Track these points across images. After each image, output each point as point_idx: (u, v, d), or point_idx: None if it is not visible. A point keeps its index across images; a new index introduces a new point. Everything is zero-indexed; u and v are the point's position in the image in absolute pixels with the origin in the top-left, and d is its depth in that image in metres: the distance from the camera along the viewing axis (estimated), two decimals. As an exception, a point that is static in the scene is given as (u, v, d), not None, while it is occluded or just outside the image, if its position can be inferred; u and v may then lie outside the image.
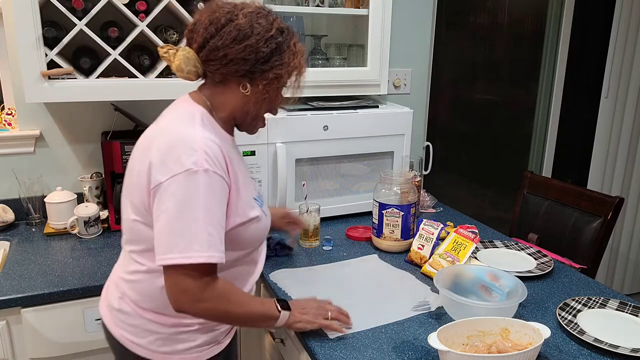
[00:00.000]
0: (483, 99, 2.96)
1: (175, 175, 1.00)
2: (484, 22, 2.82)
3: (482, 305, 1.23)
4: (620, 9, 2.94)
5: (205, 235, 1.01)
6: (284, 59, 1.10)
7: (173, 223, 1.01)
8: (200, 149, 1.02)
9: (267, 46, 1.08)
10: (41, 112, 1.93)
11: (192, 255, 1.01)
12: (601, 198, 1.99)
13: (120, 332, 1.18)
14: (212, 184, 1.03)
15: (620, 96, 3.08)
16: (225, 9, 1.09)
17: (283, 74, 1.12)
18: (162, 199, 1.02)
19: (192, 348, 1.17)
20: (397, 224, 1.70)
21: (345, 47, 2.18)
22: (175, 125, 1.09)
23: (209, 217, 1.02)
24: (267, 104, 1.17)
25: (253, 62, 1.08)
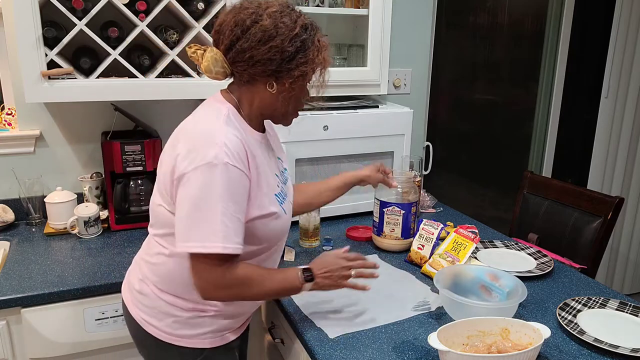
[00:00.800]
0: (483, 99, 2.96)
1: (197, 167, 1.05)
2: (484, 22, 2.82)
3: (482, 305, 1.23)
4: (620, 9, 2.94)
5: (221, 226, 1.06)
6: (308, 56, 1.12)
7: (192, 212, 1.06)
8: (222, 142, 1.06)
9: (291, 45, 1.09)
10: (41, 112, 1.93)
11: (208, 245, 1.05)
12: (601, 198, 1.99)
13: (139, 313, 1.23)
14: (230, 177, 1.06)
15: (620, 96, 3.08)
16: (250, 9, 1.10)
17: (308, 71, 1.13)
18: (183, 189, 1.07)
19: (207, 333, 1.21)
20: (398, 223, 1.70)
21: (345, 47, 2.18)
22: (202, 120, 1.13)
23: (226, 208, 1.06)
24: (294, 101, 1.19)
25: (279, 62, 1.10)
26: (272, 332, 1.54)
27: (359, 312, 1.36)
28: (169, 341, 1.20)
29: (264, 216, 1.16)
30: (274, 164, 1.26)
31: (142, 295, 1.23)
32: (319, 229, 1.78)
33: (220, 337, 1.24)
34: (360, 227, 1.93)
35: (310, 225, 1.76)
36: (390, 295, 1.45)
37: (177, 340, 1.20)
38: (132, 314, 1.25)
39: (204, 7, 1.78)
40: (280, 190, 1.24)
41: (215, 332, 1.23)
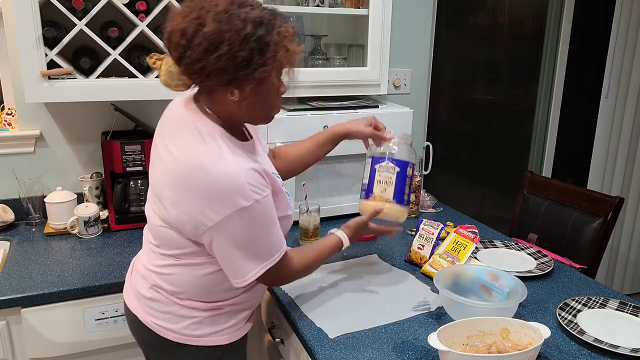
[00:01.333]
0: (483, 99, 2.96)
1: (230, 215, 1.04)
2: (484, 22, 2.82)
3: (482, 305, 1.23)
4: (620, 9, 2.94)
5: (269, 246, 1.13)
6: (267, 55, 1.00)
7: (242, 252, 1.09)
8: (244, 182, 1.03)
9: (243, 48, 0.97)
10: (41, 112, 1.93)
11: (265, 264, 1.12)
12: (601, 198, 1.99)
13: (151, 320, 1.21)
14: (264, 207, 1.08)
15: (620, 96, 3.08)
16: (194, 13, 0.99)
17: (271, 71, 1.03)
18: (221, 237, 1.07)
19: (225, 329, 1.23)
20: (391, 182, 1.44)
21: (345, 47, 2.18)
22: (208, 158, 1.04)
23: (269, 234, 1.12)
24: (263, 102, 1.09)
25: (233, 70, 0.99)
26: (272, 332, 1.54)
27: (359, 312, 1.36)
28: (186, 342, 1.19)
29: (281, 218, 1.18)
30: (269, 163, 1.26)
31: (154, 302, 1.20)
32: (319, 228, 1.78)
33: (235, 331, 1.26)
34: (360, 227, 1.92)
35: (310, 225, 1.76)
36: (390, 295, 1.45)
37: (195, 340, 1.20)
38: (144, 321, 1.21)
39: (204, 7, 1.78)
40: (287, 191, 1.25)
41: (231, 327, 1.24)
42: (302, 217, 1.76)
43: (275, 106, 1.15)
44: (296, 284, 1.49)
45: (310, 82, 1.96)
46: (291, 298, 1.43)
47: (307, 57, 2.12)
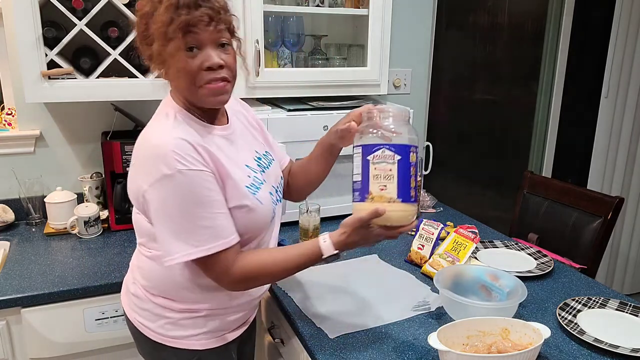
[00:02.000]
0: (483, 99, 2.95)
1: (155, 182, 1.04)
2: (484, 22, 2.82)
3: (482, 305, 1.23)
4: (620, 9, 2.94)
5: (200, 230, 1.05)
6: (153, 27, 1.05)
7: (167, 226, 1.06)
8: (170, 151, 1.03)
9: (140, 28, 1.08)
10: (41, 112, 1.93)
11: (192, 252, 1.05)
12: (601, 198, 1.99)
13: (134, 316, 1.23)
14: (191, 181, 1.04)
15: (620, 96, 3.08)
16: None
17: (156, 42, 1.05)
18: (150, 205, 1.07)
19: (200, 334, 1.20)
20: (392, 175, 1.11)
21: (345, 47, 2.18)
22: (151, 130, 1.11)
23: (197, 213, 1.05)
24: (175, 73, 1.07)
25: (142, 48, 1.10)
26: (272, 332, 1.54)
27: (359, 312, 1.36)
28: (163, 342, 1.20)
29: (236, 208, 1.12)
30: (245, 154, 1.22)
31: (136, 298, 1.23)
32: (319, 229, 1.78)
33: (215, 338, 1.23)
34: (360, 227, 1.92)
35: (310, 225, 1.76)
36: (391, 295, 1.45)
37: (171, 342, 1.19)
38: (129, 316, 1.26)
39: (204, 7, 1.78)
40: (253, 181, 1.18)
41: (209, 332, 1.21)
42: (302, 217, 1.75)
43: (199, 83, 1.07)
44: (296, 284, 1.49)
45: (310, 82, 1.96)
46: (291, 298, 1.43)
47: (307, 57, 2.12)
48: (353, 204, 1.20)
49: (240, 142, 1.23)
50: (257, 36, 1.82)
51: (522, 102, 3.06)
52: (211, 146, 1.11)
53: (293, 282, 1.51)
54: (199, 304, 1.18)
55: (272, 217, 1.23)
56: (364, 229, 1.14)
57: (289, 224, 1.90)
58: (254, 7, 1.80)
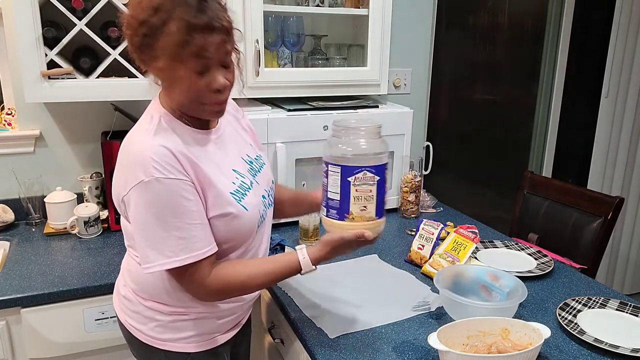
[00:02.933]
0: (483, 99, 2.95)
1: (131, 188, 1.03)
2: (484, 22, 2.82)
3: (482, 305, 1.23)
4: (620, 9, 2.94)
5: (173, 241, 1.04)
6: (157, 44, 0.99)
7: (143, 234, 1.05)
8: (148, 157, 1.02)
9: (138, 34, 1.00)
10: (41, 112, 1.93)
11: (165, 262, 1.05)
12: (601, 198, 1.99)
13: (125, 318, 1.23)
14: (167, 190, 1.02)
15: (620, 96, 3.08)
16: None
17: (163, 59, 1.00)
18: (130, 212, 1.07)
19: (191, 336, 1.19)
20: (372, 196, 1.17)
21: (345, 47, 2.18)
22: (133, 135, 1.09)
23: (172, 222, 1.04)
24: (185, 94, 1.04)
25: (137, 54, 1.04)
26: (272, 332, 1.54)
27: (359, 312, 1.36)
28: (154, 345, 1.19)
29: (220, 216, 1.10)
30: (233, 158, 1.20)
31: (126, 300, 1.22)
32: (319, 229, 1.78)
33: (207, 340, 1.21)
34: (360, 227, 1.92)
35: (310, 225, 1.76)
36: (391, 295, 1.45)
37: (162, 344, 1.19)
38: (120, 319, 1.25)
39: (204, 7, 1.78)
40: (239, 187, 1.15)
41: (200, 335, 1.20)
42: (302, 217, 1.75)
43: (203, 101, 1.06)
44: (296, 284, 1.49)
45: (310, 82, 1.96)
46: (291, 298, 1.43)
47: (307, 57, 2.12)
48: (328, 220, 1.21)
49: (229, 145, 1.21)
50: (257, 36, 1.82)
51: (522, 102, 3.06)
52: (195, 152, 1.09)
53: (293, 282, 1.51)
54: (188, 308, 1.17)
55: (261, 221, 1.21)
56: (343, 247, 1.18)
57: (289, 224, 1.90)
58: (254, 7, 1.80)
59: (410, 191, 2.05)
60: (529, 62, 3.00)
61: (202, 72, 1.02)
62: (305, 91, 1.97)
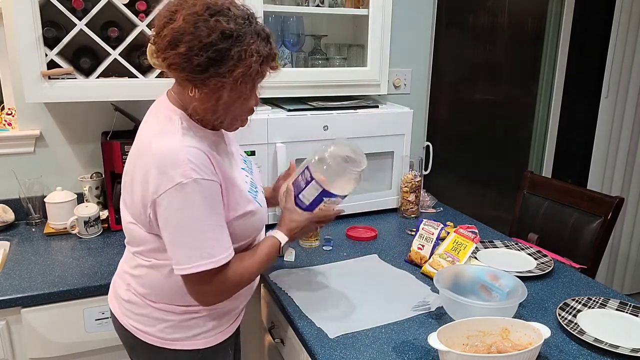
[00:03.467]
0: (483, 99, 2.95)
1: (167, 190, 1.03)
2: (484, 22, 2.82)
3: (482, 305, 1.23)
4: (620, 9, 2.94)
5: (209, 242, 1.06)
6: (223, 68, 1.01)
7: (177, 235, 1.06)
8: (185, 159, 1.03)
9: (201, 55, 1.00)
10: (41, 112, 1.93)
11: (201, 264, 1.06)
12: (601, 198, 1.99)
13: (129, 322, 1.22)
14: (204, 191, 1.04)
15: (620, 96, 3.08)
16: (173, 6, 1.03)
17: (226, 84, 1.03)
18: (161, 214, 1.06)
19: (201, 333, 1.20)
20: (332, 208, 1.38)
21: (345, 47, 2.18)
22: (159, 137, 1.08)
23: (209, 224, 1.06)
24: (223, 110, 1.09)
25: (189, 70, 1.02)
26: (272, 332, 1.54)
27: (359, 312, 1.36)
28: (163, 345, 1.19)
29: (241, 216, 1.14)
30: (237, 158, 1.24)
31: (131, 304, 1.21)
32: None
33: (214, 335, 1.23)
34: (360, 227, 1.92)
35: (310, 225, 1.75)
36: (390, 295, 1.45)
37: (171, 344, 1.19)
38: (123, 324, 1.23)
39: (204, 7, 1.78)
40: (250, 185, 1.21)
41: (209, 331, 1.22)
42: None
43: (238, 118, 1.14)
44: (296, 284, 1.49)
45: (310, 82, 1.96)
46: (291, 298, 1.43)
47: (307, 57, 2.12)
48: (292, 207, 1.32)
49: (233, 147, 1.25)
50: (257, 36, 1.82)
51: (522, 102, 3.06)
52: (217, 152, 1.11)
53: (293, 282, 1.51)
54: (199, 306, 1.18)
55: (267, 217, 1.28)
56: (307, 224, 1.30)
57: (289, 224, 1.90)
58: (254, 7, 1.78)
59: (410, 191, 2.05)
60: (529, 62, 3.00)
61: (252, 95, 1.10)
62: (305, 91, 1.97)
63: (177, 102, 1.13)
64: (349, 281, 1.53)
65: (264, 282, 1.58)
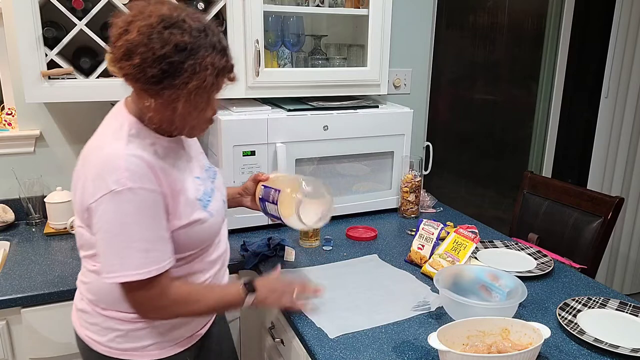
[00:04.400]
0: (483, 99, 2.96)
1: (102, 197, 1.01)
2: (484, 22, 2.82)
3: (482, 305, 1.23)
4: (620, 9, 2.94)
5: (138, 254, 1.04)
6: (177, 81, 1.00)
7: (108, 243, 1.04)
8: (122, 167, 1.01)
9: (155, 67, 0.98)
10: (41, 112, 1.93)
11: (130, 274, 1.04)
12: (601, 198, 1.99)
13: (84, 332, 1.20)
14: (139, 200, 1.02)
15: (620, 96, 3.08)
16: (129, 17, 1.02)
17: (180, 96, 1.02)
18: (95, 220, 1.04)
19: (152, 344, 1.18)
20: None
21: (345, 47, 2.18)
22: (102, 142, 1.08)
23: (141, 234, 1.04)
24: (178, 120, 1.07)
25: (143, 82, 1.01)
26: (272, 332, 1.54)
27: (359, 312, 1.36)
28: (114, 356, 1.17)
29: (187, 225, 1.11)
30: (193, 166, 1.21)
31: (84, 313, 1.20)
32: (319, 229, 1.78)
33: (168, 347, 1.20)
34: (360, 227, 1.92)
35: (310, 225, 1.75)
36: (390, 295, 1.45)
37: (123, 354, 1.17)
38: (78, 333, 1.22)
39: (204, 7, 1.79)
40: (203, 193, 1.18)
41: (162, 343, 1.19)
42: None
43: (195, 127, 1.12)
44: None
45: (310, 82, 1.96)
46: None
47: (307, 57, 2.12)
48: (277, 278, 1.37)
49: (192, 152, 1.23)
50: (257, 36, 1.82)
51: (522, 102, 3.06)
52: (165, 161, 1.09)
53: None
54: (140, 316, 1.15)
55: (221, 226, 1.24)
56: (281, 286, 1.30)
57: (289, 224, 1.90)
58: (254, 7, 1.80)
59: (410, 191, 2.05)
60: (529, 62, 3.00)
61: (208, 106, 1.09)
62: (305, 91, 1.97)
63: (133, 109, 1.11)
64: (349, 281, 1.53)
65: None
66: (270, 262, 1.64)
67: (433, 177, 2.54)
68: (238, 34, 1.81)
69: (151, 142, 1.09)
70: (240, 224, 1.84)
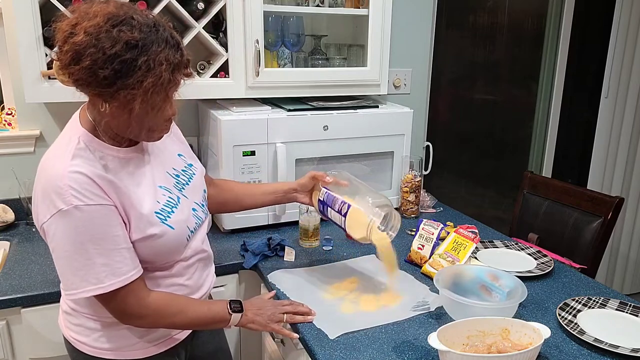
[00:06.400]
0: (483, 99, 2.96)
1: (51, 217, 1.00)
2: (484, 22, 2.82)
3: (482, 305, 1.23)
4: (620, 9, 2.94)
5: (98, 268, 1.02)
6: (131, 79, 0.95)
7: (65, 263, 1.03)
8: (66, 185, 0.99)
9: (106, 68, 0.94)
10: (41, 112, 1.93)
11: (91, 289, 1.03)
12: (601, 198, 1.99)
13: (69, 333, 1.20)
14: (87, 217, 1.00)
15: (620, 96, 3.08)
16: (73, 20, 0.97)
17: (136, 95, 0.97)
18: (49, 240, 1.03)
19: (136, 343, 1.18)
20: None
21: (345, 47, 2.18)
22: (51, 159, 1.05)
23: (96, 249, 1.02)
24: (135, 122, 1.03)
25: (95, 85, 0.96)
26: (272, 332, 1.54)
27: (359, 312, 1.36)
28: (99, 356, 1.17)
29: (143, 239, 1.09)
30: (158, 175, 1.16)
31: (68, 315, 1.20)
32: (319, 229, 1.78)
33: (154, 345, 1.20)
34: (360, 227, 1.92)
35: (310, 225, 1.75)
36: (390, 295, 1.45)
37: (108, 354, 1.16)
38: (65, 335, 1.22)
39: (204, 7, 1.79)
40: (165, 205, 1.13)
41: (148, 341, 1.19)
42: (302, 217, 1.75)
43: (155, 129, 1.08)
44: (295, 284, 1.49)
45: (310, 82, 1.96)
46: (291, 299, 1.43)
47: (307, 57, 2.12)
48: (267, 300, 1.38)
49: (154, 160, 1.17)
50: (257, 36, 1.82)
51: (522, 102, 3.06)
52: (116, 173, 1.06)
53: (292, 282, 1.51)
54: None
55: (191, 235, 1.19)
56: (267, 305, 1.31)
57: (289, 224, 1.90)
58: (254, 7, 1.80)
59: (410, 191, 2.05)
60: (529, 62, 3.00)
61: (166, 104, 1.04)
62: (305, 91, 1.97)
63: (86, 121, 1.08)
64: (348, 281, 1.53)
65: (263, 282, 1.58)
66: (270, 262, 1.64)
67: (433, 177, 2.54)
68: (238, 34, 1.80)
69: (100, 156, 1.06)
70: (240, 224, 1.84)
